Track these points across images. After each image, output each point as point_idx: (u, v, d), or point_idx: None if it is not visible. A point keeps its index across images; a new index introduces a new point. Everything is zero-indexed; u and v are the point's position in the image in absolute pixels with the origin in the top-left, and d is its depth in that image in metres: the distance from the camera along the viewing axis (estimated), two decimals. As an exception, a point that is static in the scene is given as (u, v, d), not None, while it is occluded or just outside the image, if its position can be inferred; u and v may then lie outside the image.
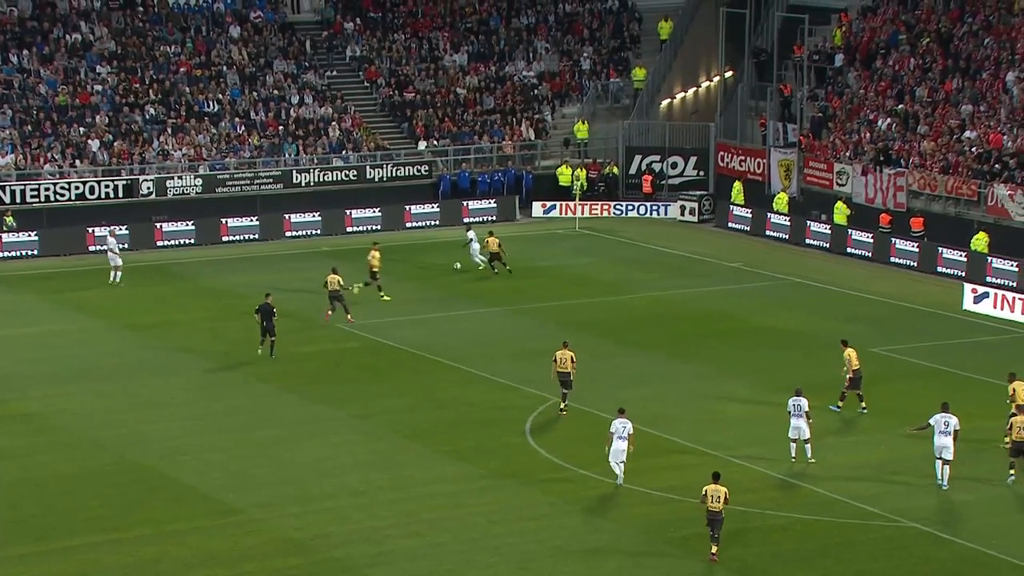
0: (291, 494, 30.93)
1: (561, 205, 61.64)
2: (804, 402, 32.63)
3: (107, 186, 56.94)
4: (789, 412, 32.75)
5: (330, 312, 44.00)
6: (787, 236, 57.37)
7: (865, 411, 36.21)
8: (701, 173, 64.21)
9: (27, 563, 27.38)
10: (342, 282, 44.16)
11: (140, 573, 27.11)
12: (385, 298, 46.88)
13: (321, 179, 60.38)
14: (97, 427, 35.14)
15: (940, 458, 31.48)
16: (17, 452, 33.34)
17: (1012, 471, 31.70)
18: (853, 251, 54.89)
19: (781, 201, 59.35)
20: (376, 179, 61.11)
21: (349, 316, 44.02)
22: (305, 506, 30.28)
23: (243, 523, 29.39)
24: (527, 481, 31.84)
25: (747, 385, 38.80)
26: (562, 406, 36.27)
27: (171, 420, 35.81)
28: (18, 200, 55.52)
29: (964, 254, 51.13)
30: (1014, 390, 33.78)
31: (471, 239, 51.61)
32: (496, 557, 27.97)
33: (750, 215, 59.19)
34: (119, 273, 49.13)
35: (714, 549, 27.95)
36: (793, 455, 32.78)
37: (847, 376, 36.26)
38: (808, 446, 32.66)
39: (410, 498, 30.79)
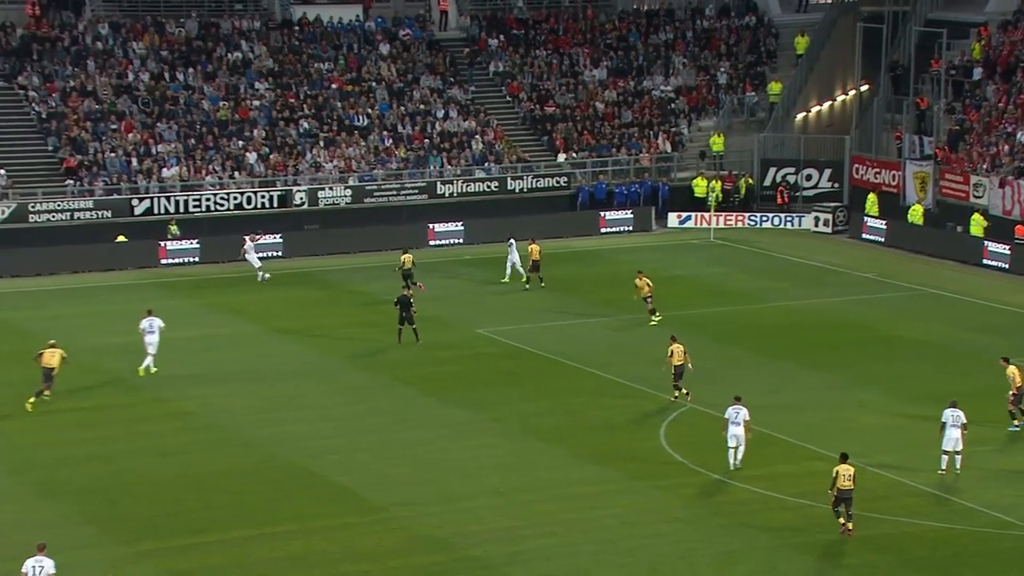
0: (432, 493, 31.03)
1: (696, 216, 61.11)
2: (961, 413, 31.58)
3: (263, 196, 57.93)
4: (944, 423, 31.61)
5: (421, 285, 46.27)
6: (921, 248, 56.13)
7: (1018, 427, 35.07)
8: (835, 185, 63.17)
9: (187, 554, 27.88)
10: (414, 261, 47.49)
11: (289, 566, 27.41)
12: (531, 285, 47.44)
13: (464, 190, 60.68)
14: (250, 426, 35.67)
15: None
16: (177, 449, 33.99)
17: None
18: (989, 262, 53.52)
19: (916, 213, 58.15)
20: (517, 190, 61.24)
21: (421, 285, 46.46)
22: (445, 505, 30.35)
23: (386, 520, 29.56)
24: (661, 485, 31.53)
25: (881, 394, 37.97)
26: (680, 393, 36.76)
27: (319, 420, 36.20)
28: (182, 210, 56.76)
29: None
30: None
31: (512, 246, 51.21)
32: (629, 558, 27.73)
33: (884, 226, 58.05)
34: (262, 273, 50.41)
35: (850, 525, 27.97)
36: (943, 467, 31.66)
37: (1012, 393, 35.00)
38: (959, 458, 31.60)
39: (546, 499, 30.68)
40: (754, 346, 42.59)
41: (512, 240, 51.36)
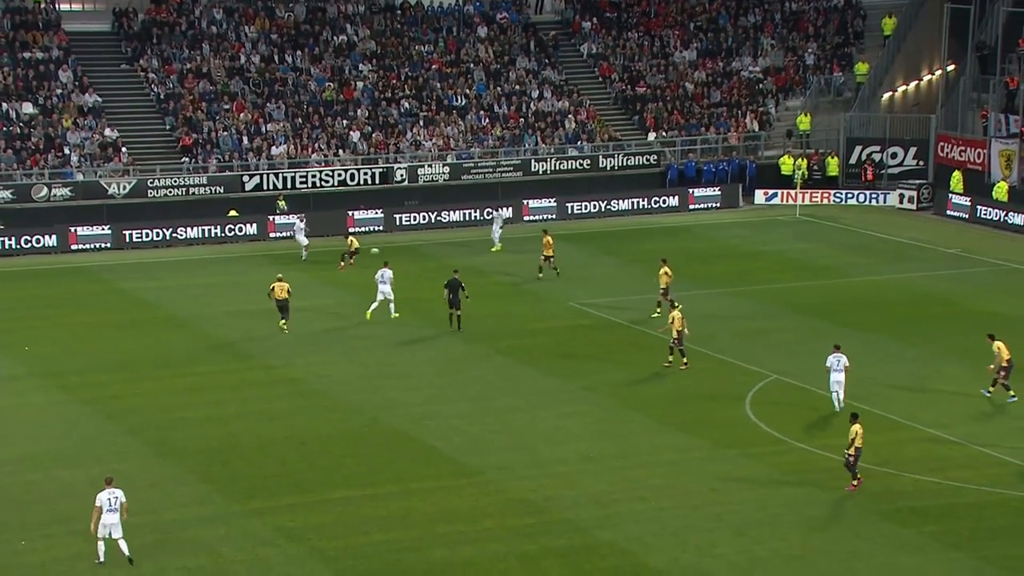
0: (526, 459, 31.06)
1: (782, 193, 60.38)
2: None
3: (366, 173, 58.28)
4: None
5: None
6: (1006, 224, 54.94)
7: (1015, 398, 34.29)
8: (920, 163, 62.07)
9: (294, 512, 28.19)
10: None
11: (390, 525, 27.60)
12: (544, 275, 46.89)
13: (557, 167, 60.52)
14: (353, 392, 35.95)
15: None
16: (284, 413, 34.35)
17: None
18: (1072, 239, 52.30)
19: (1001, 190, 56.94)
20: (608, 168, 60.96)
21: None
22: (538, 470, 30.36)
23: (482, 484, 29.64)
24: (747, 453, 31.26)
25: (964, 367, 37.29)
26: (684, 362, 36.87)
27: (419, 388, 36.37)
28: (289, 186, 57.29)
29: None
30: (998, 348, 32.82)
31: (496, 217, 51.72)
32: (716, 523, 27.55)
33: (968, 203, 56.90)
34: (306, 252, 50.60)
35: (855, 481, 28.60)
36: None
37: (999, 367, 34.28)
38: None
39: (635, 465, 30.57)
40: (838, 319, 42.01)
41: (495, 212, 52.20)
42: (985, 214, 56.15)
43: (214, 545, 26.67)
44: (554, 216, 57.72)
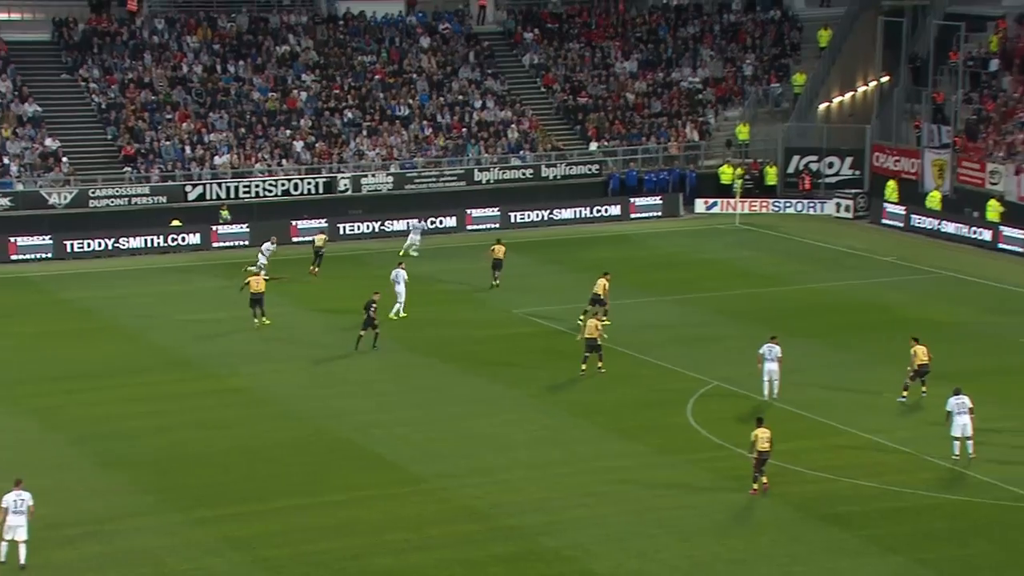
0: (470, 466, 31.05)
1: (722, 202, 60.81)
2: (966, 399, 30.88)
3: (309, 183, 58.03)
4: (951, 412, 30.88)
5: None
6: (939, 232, 55.68)
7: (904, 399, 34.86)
8: (857, 172, 62.75)
9: (239, 521, 27.98)
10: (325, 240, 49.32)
11: (336, 533, 27.47)
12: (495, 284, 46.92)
13: (500, 177, 60.60)
14: (299, 401, 35.75)
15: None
16: (229, 423, 34.12)
17: None
18: (1005, 247, 53.05)
19: (934, 199, 57.69)
20: (550, 177, 61.12)
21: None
22: (483, 477, 30.36)
23: (427, 491, 29.59)
24: (689, 459, 31.44)
25: (900, 373, 37.65)
26: (599, 366, 37.05)
27: (364, 397, 36.26)
28: (232, 196, 56.93)
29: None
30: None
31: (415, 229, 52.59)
32: (660, 529, 27.67)
33: (903, 212, 57.62)
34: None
35: (764, 479, 28.75)
36: (956, 452, 30.94)
37: (912, 369, 34.81)
38: (971, 443, 30.95)
39: (579, 472, 30.65)
40: (778, 326, 42.15)
41: (414, 224, 52.85)
42: (919, 223, 56.87)
43: (159, 555, 26.42)
44: (498, 225, 57.74)
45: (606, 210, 59.86)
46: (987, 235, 53.92)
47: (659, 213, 60.26)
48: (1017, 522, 27.90)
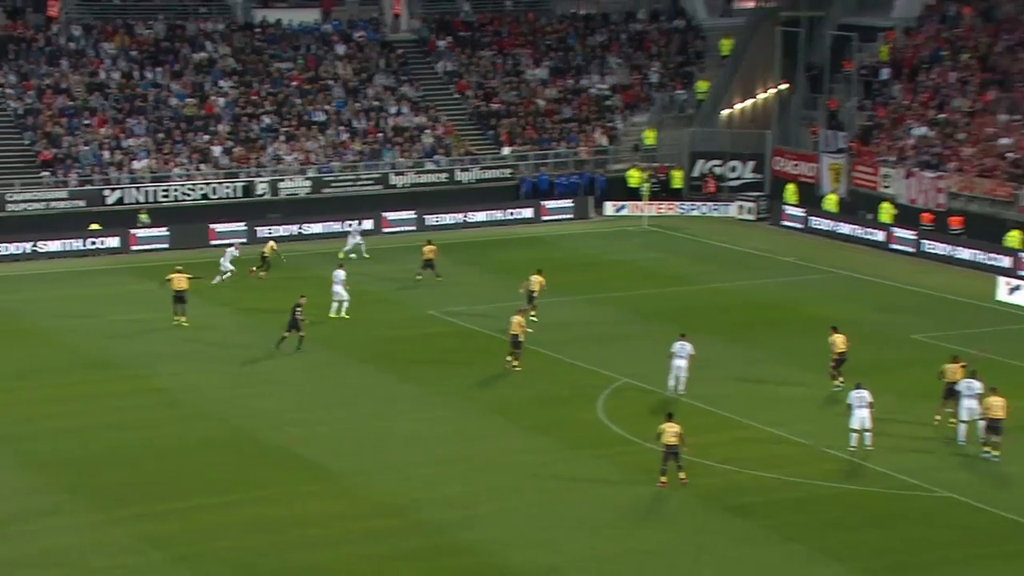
0: (386, 463, 30.84)
1: (631, 204, 61.13)
2: (866, 393, 31.18)
3: (227, 187, 57.35)
4: (850, 405, 31.20)
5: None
6: (835, 233, 56.48)
7: (840, 387, 35.18)
8: (758, 176, 63.42)
9: (157, 520, 27.53)
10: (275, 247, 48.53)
11: (252, 530, 27.13)
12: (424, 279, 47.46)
13: (416, 181, 60.37)
14: (217, 401, 35.29)
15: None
16: (148, 423, 33.56)
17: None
18: (897, 247, 53.93)
19: (831, 201, 58.49)
20: (464, 181, 61.04)
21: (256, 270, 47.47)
22: (398, 473, 30.17)
23: (343, 488, 29.35)
24: (599, 454, 31.51)
25: (800, 369, 38.17)
26: (514, 364, 37.18)
27: (282, 396, 35.87)
28: (151, 200, 56.07)
29: (999, 250, 50.05)
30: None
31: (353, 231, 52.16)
32: (571, 522, 27.67)
33: (802, 214, 58.35)
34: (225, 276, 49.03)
35: (681, 475, 28.85)
36: (853, 444, 31.19)
37: (831, 358, 35.26)
38: (868, 435, 31.22)
39: (493, 468, 30.58)
40: (685, 324, 42.45)
41: (353, 227, 52.43)
42: (817, 224, 57.61)
43: (77, 554, 25.91)
44: (413, 228, 57.49)
45: (519, 213, 59.89)
46: (880, 236, 54.78)
47: (570, 215, 60.41)
48: (910, 510, 28.33)
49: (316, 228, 56.40)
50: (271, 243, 50.10)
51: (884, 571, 25.55)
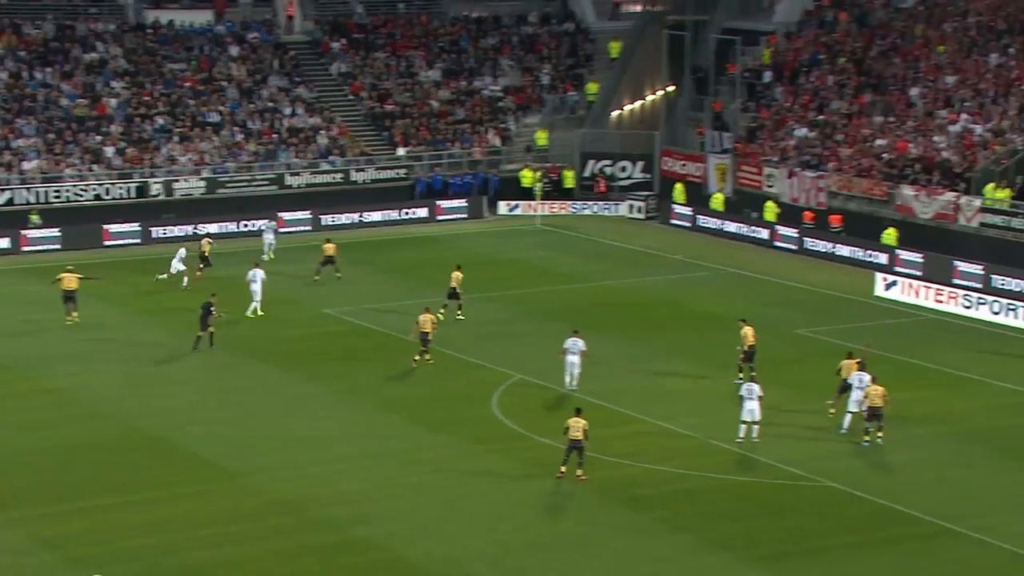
0: (285, 461, 30.74)
1: (524, 204, 61.50)
2: (757, 387, 31.86)
3: (121, 188, 56.47)
4: (741, 396, 31.84)
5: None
6: (722, 231, 57.45)
7: (741, 381, 36.00)
8: (647, 176, 64.22)
9: (54, 521, 27.13)
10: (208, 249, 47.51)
11: (152, 530, 26.86)
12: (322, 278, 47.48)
13: (311, 181, 60.05)
14: (115, 401, 34.82)
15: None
16: (44, 424, 33.01)
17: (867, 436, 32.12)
18: (780, 244, 55.02)
19: (717, 200, 59.43)
20: (360, 182, 60.88)
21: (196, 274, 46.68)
22: (297, 471, 30.10)
23: (243, 486, 29.19)
24: (494, 449, 31.75)
25: (689, 363, 38.83)
26: (421, 358, 37.48)
27: (181, 396, 35.52)
28: (43, 200, 54.96)
29: (876, 247, 51.40)
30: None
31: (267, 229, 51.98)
32: (468, 516, 27.89)
33: (690, 212, 59.25)
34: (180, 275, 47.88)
35: (579, 472, 29.13)
36: (741, 435, 31.80)
37: (741, 350, 36.15)
38: (757, 427, 31.88)
39: (391, 464, 30.66)
40: (577, 321, 42.94)
41: (267, 224, 52.13)
42: (704, 223, 58.52)
43: (-28, 559, 25.40)
44: (309, 228, 57.18)
45: (414, 213, 59.93)
46: (765, 234, 55.86)
47: (464, 215, 60.60)
48: (794, 500, 29.03)
49: (211, 228, 55.75)
50: (206, 239, 49.14)
51: (767, 559, 26.17)
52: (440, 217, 60.06)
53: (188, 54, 64.09)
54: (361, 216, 58.85)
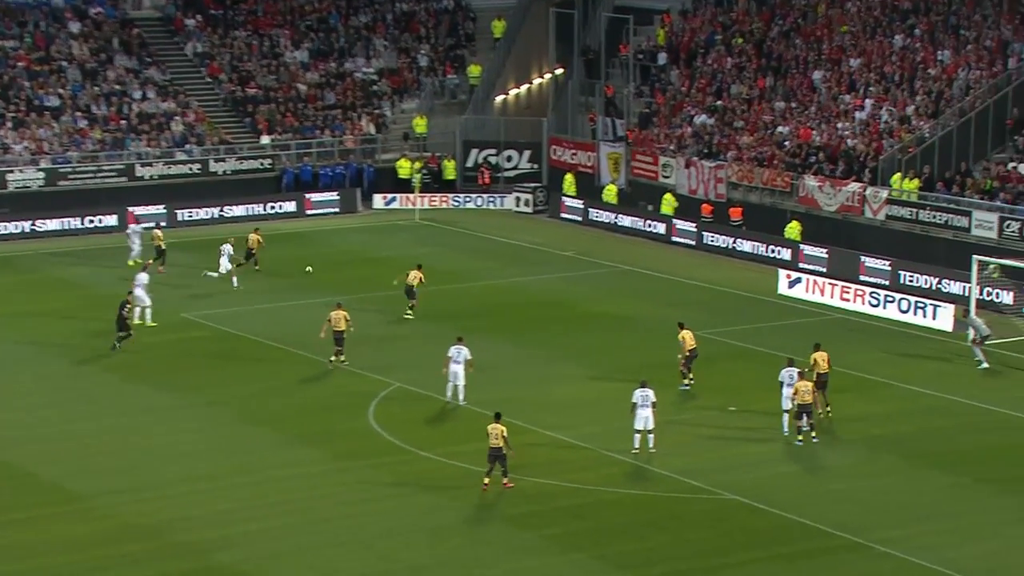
0: (139, 481, 30.42)
1: (401, 197, 61.55)
2: (651, 392, 32.20)
3: (-52, 180, 55.26)
4: (635, 403, 32.11)
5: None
6: (616, 226, 58.12)
7: (688, 386, 36.88)
8: (535, 166, 64.71)
9: None
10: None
11: (-11, 562, 26.41)
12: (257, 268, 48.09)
13: (165, 172, 59.35)
14: (-57, 419, 34.10)
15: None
16: None
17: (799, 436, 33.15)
18: (678, 240, 55.83)
19: (610, 192, 60.10)
20: (220, 172, 60.33)
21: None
22: (153, 492, 29.82)
23: (91, 510, 28.81)
24: (372, 463, 31.81)
25: (581, 367, 39.26)
26: (335, 360, 38.14)
27: (18, 411, 34.90)
28: None
29: (779, 242, 52.43)
30: (815, 360, 34.91)
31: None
32: (344, 537, 27.90)
33: (582, 206, 59.84)
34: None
35: (505, 480, 29.67)
36: (637, 445, 32.22)
37: (681, 357, 36.83)
38: (652, 436, 32.29)
39: (258, 482, 30.53)
40: (459, 324, 43.14)
41: (133, 229, 51.36)
42: (597, 216, 59.19)
43: None
44: (164, 223, 56.43)
45: (280, 207, 59.58)
46: (661, 228, 56.68)
47: (336, 209, 60.46)
48: (693, 513, 29.56)
49: (52, 225, 54.85)
50: (159, 231, 48.63)
51: (667, 577, 26.67)
52: (310, 211, 59.83)
53: (21, 30, 62.84)
54: (221, 211, 58.34)
